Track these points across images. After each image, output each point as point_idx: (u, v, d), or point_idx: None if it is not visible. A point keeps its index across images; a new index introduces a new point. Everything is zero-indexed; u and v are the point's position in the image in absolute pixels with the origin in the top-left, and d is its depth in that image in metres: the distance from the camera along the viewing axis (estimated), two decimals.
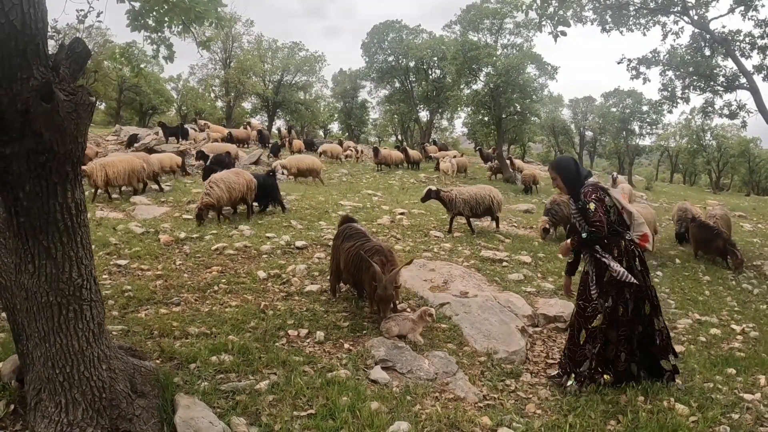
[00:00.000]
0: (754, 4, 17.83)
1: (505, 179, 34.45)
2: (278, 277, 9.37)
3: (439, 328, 7.77)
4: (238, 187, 13.73)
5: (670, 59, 19.59)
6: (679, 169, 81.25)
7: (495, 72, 33.44)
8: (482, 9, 43.56)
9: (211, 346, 6.15)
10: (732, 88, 19.05)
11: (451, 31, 53.58)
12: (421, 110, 63.82)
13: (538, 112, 39.12)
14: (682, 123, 70.32)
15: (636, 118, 52.90)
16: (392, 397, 5.58)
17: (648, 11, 19.10)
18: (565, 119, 74.76)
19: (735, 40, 18.39)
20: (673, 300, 11.43)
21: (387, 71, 60.46)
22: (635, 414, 5.76)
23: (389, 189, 24.49)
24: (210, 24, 7.67)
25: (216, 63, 61.44)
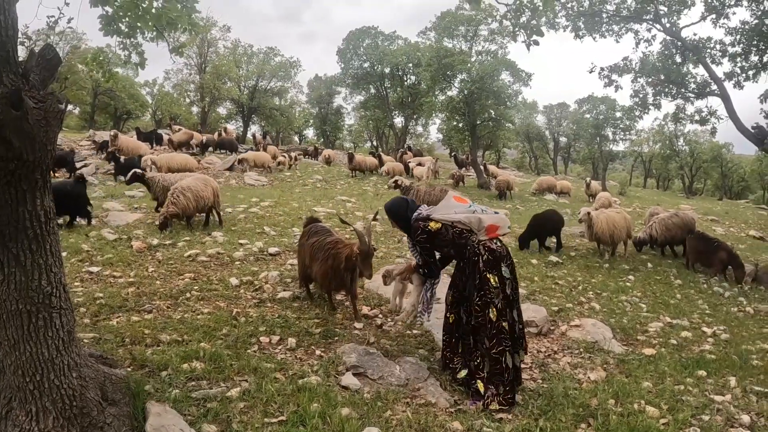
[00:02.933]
0: (725, 13, 18.09)
1: (479, 185, 34.63)
2: (251, 283, 9.37)
3: (411, 334, 7.81)
4: (206, 195, 13.54)
5: (642, 66, 19.79)
6: (653, 174, 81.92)
7: (469, 78, 33.60)
8: (457, 16, 43.61)
9: (182, 353, 6.14)
10: (703, 94, 19.28)
11: (426, 37, 53.63)
12: (396, 116, 63.88)
13: (512, 119, 39.40)
14: (655, 129, 71.09)
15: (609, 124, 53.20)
16: (363, 403, 5.60)
17: (621, 19, 19.31)
18: (540, 125, 75.39)
19: (706, 47, 18.62)
20: (644, 303, 11.57)
21: (362, 77, 60.47)
22: (606, 417, 5.84)
23: (363, 195, 24.51)
24: (183, 30, 7.67)
25: (191, 68, 61.08)
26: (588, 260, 14.84)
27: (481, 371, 6.16)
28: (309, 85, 74.28)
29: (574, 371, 7.47)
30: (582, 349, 8.35)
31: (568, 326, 9.23)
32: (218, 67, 58.49)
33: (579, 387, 6.84)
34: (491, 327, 6.06)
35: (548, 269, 13.25)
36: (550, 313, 9.69)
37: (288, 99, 68.74)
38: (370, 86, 61.97)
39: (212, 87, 57.66)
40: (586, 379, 7.17)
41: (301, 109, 74.36)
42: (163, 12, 7.06)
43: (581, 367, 7.63)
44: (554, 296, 11.02)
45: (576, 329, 9.10)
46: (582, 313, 10.11)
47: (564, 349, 8.41)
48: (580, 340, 8.67)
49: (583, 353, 8.22)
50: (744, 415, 6.32)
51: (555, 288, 11.66)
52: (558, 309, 10.08)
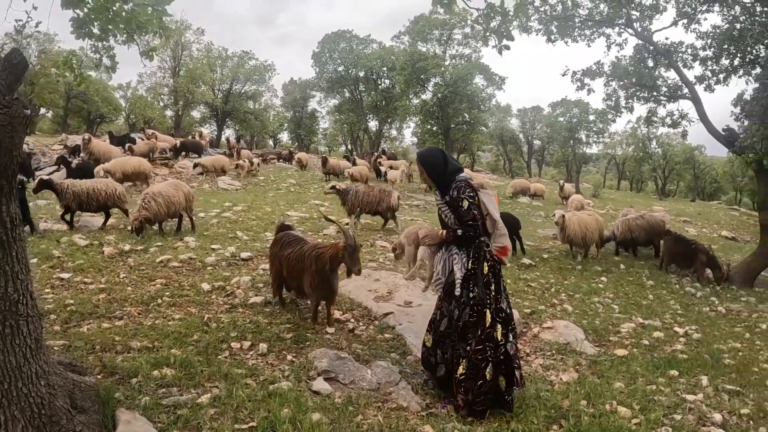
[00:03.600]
0: (697, 17, 18.27)
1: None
2: (222, 289, 9.32)
3: (383, 338, 7.82)
4: (177, 200, 13.42)
5: (614, 70, 19.92)
6: (626, 176, 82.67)
7: (443, 82, 33.81)
8: (431, 20, 43.75)
9: (153, 360, 6.09)
10: (674, 98, 19.42)
11: (400, 41, 53.80)
12: (371, 120, 63.96)
13: (485, 122, 39.66)
14: (628, 131, 71.86)
15: (583, 127, 53.80)
16: (334, 408, 5.58)
17: (593, 23, 19.43)
18: (514, 128, 75.76)
19: (678, 51, 18.77)
20: (617, 305, 11.68)
21: (337, 81, 60.47)
22: (577, 418, 5.86)
23: (337, 199, 24.37)
24: (154, 34, 7.63)
25: (165, 71, 60.46)
26: (561, 262, 14.93)
27: (456, 372, 5.98)
28: (284, 88, 74.12)
29: (546, 373, 7.51)
30: (554, 350, 8.40)
31: (540, 328, 9.28)
32: (192, 70, 58.05)
33: (551, 388, 6.87)
34: (482, 331, 5.89)
35: (521, 271, 13.32)
36: (523, 316, 9.74)
37: (262, 103, 68.44)
38: (344, 90, 62.01)
39: (186, 90, 57.25)
40: (558, 381, 7.20)
41: (276, 113, 74.07)
42: (133, 15, 7.02)
43: (553, 369, 7.67)
44: (527, 298, 11.08)
45: (548, 331, 9.16)
46: (554, 315, 10.18)
47: (536, 351, 8.45)
48: (552, 341, 8.72)
49: (555, 355, 8.27)
50: (716, 413, 6.38)
51: (527, 290, 11.73)
52: (530, 311, 10.13)
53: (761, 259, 16.08)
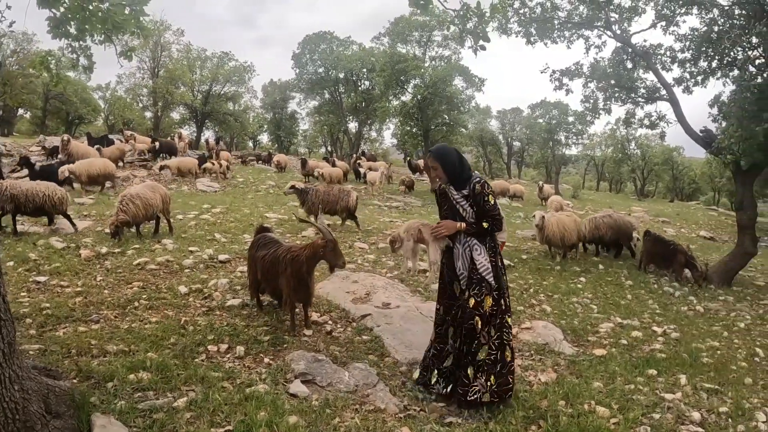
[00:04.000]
0: (675, 20, 18.38)
1: (432, 190, 34.60)
2: (200, 291, 9.26)
3: (360, 340, 7.80)
4: (155, 202, 13.25)
5: (593, 71, 20.00)
6: (606, 177, 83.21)
7: (422, 84, 33.81)
8: (411, 22, 43.81)
9: (129, 363, 6.03)
10: (652, 99, 19.53)
11: (380, 43, 53.84)
12: (350, 121, 63.94)
13: (465, 123, 39.70)
14: (607, 133, 72.25)
15: (562, 129, 54.08)
16: (311, 411, 5.56)
17: (572, 25, 19.51)
18: (494, 130, 75.90)
19: (656, 53, 18.88)
20: (595, 305, 11.71)
21: (317, 82, 60.41)
22: (556, 418, 5.87)
23: None
24: (131, 34, 7.57)
25: (144, 72, 60.10)
26: (539, 263, 14.96)
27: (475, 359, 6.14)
28: (263, 90, 74.03)
29: (525, 373, 7.50)
30: (533, 351, 8.42)
31: (519, 329, 9.28)
32: (171, 71, 57.75)
33: (529, 389, 6.88)
34: (501, 318, 6.18)
35: None
36: None
37: (242, 104, 68.27)
38: (324, 91, 61.98)
39: (165, 91, 56.96)
40: (537, 381, 7.22)
41: (255, 115, 73.97)
42: (110, 15, 6.96)
43: (532, 369, 7.67)
44: None
45: (527, 331, 9.18)
46: (533, 316, 10.21)
47: (515, 351, 8.46)
48: (530, 342, 8.74)
49: (533, 355, 8.28)
50: (694, 412, 6.43)
51: None
52: None
53: (739, 259, 16.24)
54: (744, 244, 16.09)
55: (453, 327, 6.33)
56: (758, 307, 13.47)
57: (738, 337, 10.52)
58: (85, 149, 25.87)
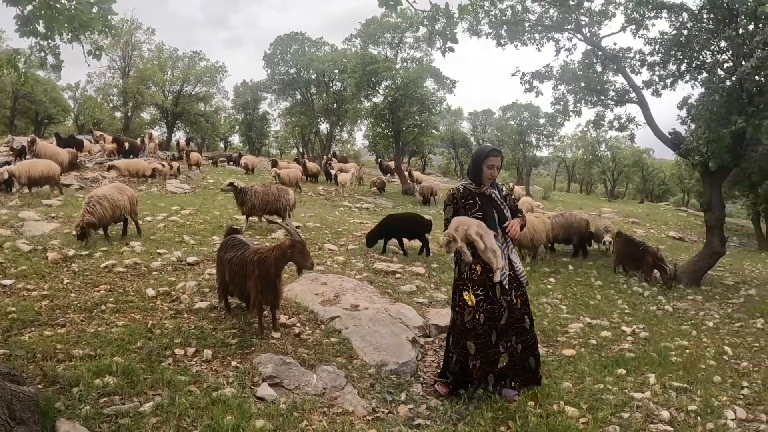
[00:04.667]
0: (645, 24, 18.56)
1: (404, 191, 34.89)
2: (168, 294, 9.17)
3: (329, 342, 7.78)
4: (122, 204, 13.06)
5: (563, 74, 20.12)
6: (576, 178, 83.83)
7: (394, 85, 33.80)
8: (382, 23, 43.80)
9: (95, 368, 5.97)
10: (622, 102, 19.69)
11: (352, 44, 53.73)
12: (322, 122, 63.78)
13: (436, 125, 39.73)
14: (578, 135, 72.81)
15: (533, 131, 54.37)
16: (278, 414, 5.55)
17: (543, 28, 19.62)
18: (465, 132, 76.07)
19: (626, 57, 19.04)
20: (565, 305, 11.81)
21: (288, 83, 60.09)
22: (525, 419, 5.90)
23: None
24: (99, 33, 7.48)
25: (115, 71, 59.21)
26: None
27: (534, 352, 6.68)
28: (235, 90, 73.39)
29: None
30: None
31: None
32: (142, 71, 56.93)
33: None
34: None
35: None
36: None
37: (213, 104, 67.60)
38: (296, 92, 61.68)
39: (136, 91, 56.24)
40: None
41: (227, 115, 73.47)
42: (77, 14, 6.88)
43: None
44: None
45: None
46: None
47: None
48: None
49: None
50: (663, 411, 6.49)
51: None
52: None
53: (707, 259, 16.42)
54: (712, 244, 16.27)
55: (497, 331, 6.33)
56: (727, 306, 13.65)
57: (707, 335, 10.65)
58: (54, 150, 25.40)
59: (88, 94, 63.06)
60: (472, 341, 6.32)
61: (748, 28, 15.25)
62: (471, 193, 6.45)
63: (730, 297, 14.64)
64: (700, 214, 40.47)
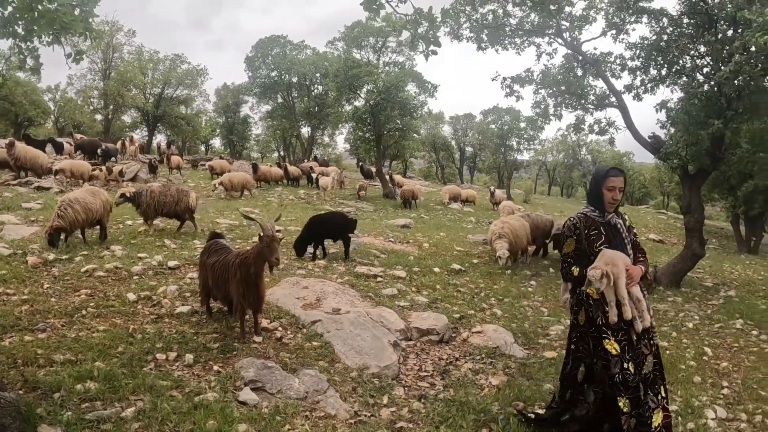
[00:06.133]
0: (625, 29, 18.69)
1: (384, 195, 34.97)
2: (149, 299, 9.11)
3: (311, 346, 7.77)
4: (95, 207, 12.88)
5: (543, 78, 20.21)
6: (557, 182, 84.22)
7: (375, 89, 33.83)
8: (366, 27, 43.90)
9: (76, 373, 5.94)
10: (602, 106, 19.80)
11: (334, 47, 53.86)
12: (303, 126, 63.71)
13: (417, 129, 39.80)
14: (558, 138, 73.18)
15: (514, 134, 54.48)
16: (261, 418, 5.55)
17: (523, 32, 19.70)
18: (446, 135, 76.40)
19: (606, 61, 19.17)
20: (546, 308, 11.85)
21: (270, 86, 60.02)
22: (507, 421, 5.93)
23: (267, 206, 24.26)
24: (80, 35, 7.44)
25: (95, 74, 58.65)
26: (490, 267, 15.04)
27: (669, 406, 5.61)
28: (216, 93, 73.02)
29: (476, 377, 7.61)
30: (483, 354, 8.50)
31: (469, 333, 9.38)
32: (123, 73, 56.35)
33: (480, 392, 6.98)
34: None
35: (450, 276, 13.39)
36: (452, 321, 9.82)
37: (194, 107, 67.13)
38: (277, 95, 61.67)
39: (116, 94, 55.72)
40: (488, 384, 7.31)
41: (208, 118, 73.10)
42: (57, 15, 6.83)
43: (483, 373, 7.77)
44: (456, 303, 11.17)
45: (478, 335, 9.26)
46: (484, 320, 10.27)
47: (466, 355, 8.54)
48: (481, 346, 8.82)
49: (484, 359, 8.36)
50: None
51: (457, 295, 11.81)
52: (460, 316, 10.22)
53: (687, 261, 16.52)
54: (692, 246, 16.37)
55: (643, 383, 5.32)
56: (706, 307, 13.77)
57: (687, 336, 10.74)
58: (33, 153, 25.12)
59: (68, 96, 62.48)
60: (625, 397, 5.26)
61: (727, 34, 15.44)
62: (595, 223, 5.60)
63: (709, 298, 14.77)
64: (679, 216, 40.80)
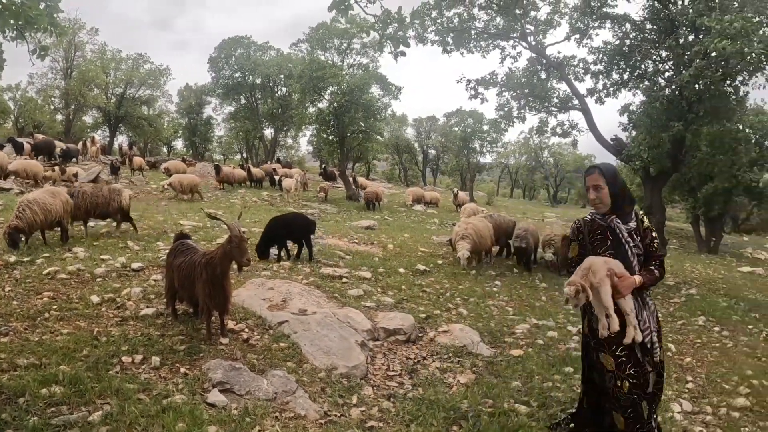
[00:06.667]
0: (589, 33, 18.92)
1: (348, 197, 34.99)
2: (113, 301, 8.96)
3: (278, 347, 7.74)
4: (54, 208, 12.67)
5: (508, 81, 20.37)
6: (519, 184, 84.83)
7: (340, 91, 33.79)
8: (331, 28, 43.73)
9: (41, 377, 5.83)
10: (565, 108, 20.04)
11: (299, 49, 53.58)
12: (266, 128, 63.44)
13: (381, 131, 39.88)
14: (521, 141, 73.76)
15: (477, 137, 54.84)
16: (231, 420, 5.51)
17: (488, 36, 19.85)
18: (409, 138, 76.62)
19: (569, 65, 19.39)
20: (511, 307, 11.95)
21: (233, 87, 59.68)
22: (477, 418, 5.97)
23: (231, 208, 24.19)
24: (44, 31, 7.32)
25: (57, 72, 57.48)
26: (455, 267, 15.08)
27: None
28: (179, 94, 72.25)
29: (444, 375, 7.65)
30: (451, 353, 8.55)
31: (436, 332, 9.42)
32: (85, 72, 55.25)
33: (449, 390, 7.03)
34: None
35: (416, 277, 13.41)
36: (419, 321, 9.85)
37: (157, 108, 66.35)
38: (240, 97, 61.35)
39: (78, 93, 54.70)
40: (456, 383, 7.36)
41: (170, 119, 72.39)
42: (22, 9, 6.72)
43: (451, 372, 7.82)
44: (422, 303, 11.21)
45: (444, 335, 9.31)
46: (450, 319, 10.32)
47: (433, 354, 8.58)
48: (448, 345, 8.87)
49: (452, 358, 8.42)
50: None
51: (423, 295, 11.85)
52: (426, 316, 10.25)
53: None
54: None
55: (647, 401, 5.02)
56: (669, 305, 13.97)
57: None
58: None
59: (29, 95, 61.27)
60: (619, 414, 5.02)
61: (688, 39, 15.72)
62: (600, 227, 5.15)
63: (671, 296, 14.97)
64: None
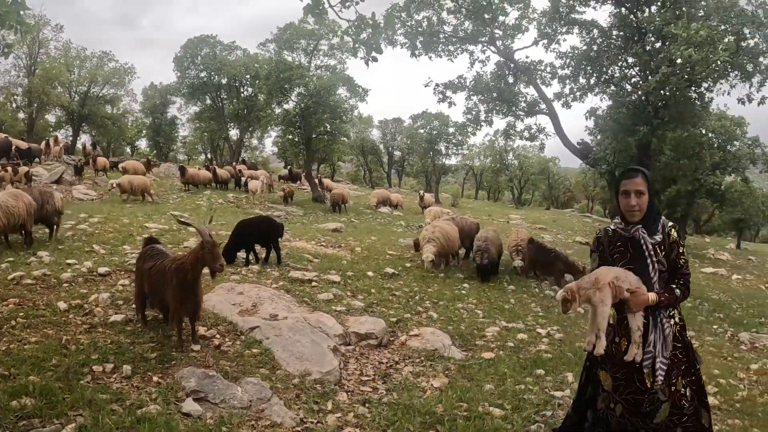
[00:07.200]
0: (557, 38, 19.10)
1: (314, 199, 34.93)
2: (80, 307, 8.76)
3: (250, 353, 7.68)
4: (17, 211, 12.29)
5: (476, 85, 20.49)
6: (484, 186, 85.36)
7: (306, 92, 33.71)
8: (299, 29, 43.54)
9: (10, 389, 5.67)
10: (532, 112, 20.23)
11: (266, 49, 53.19)
12: (232, 128, 63.06)
13: (347, 133, 39.87)
14: (486, 144, 74.24)
15: (442, 139, 55.08)
16: (207, 429, 5.45)
17: (457, 40, 19.95)
18: (375, 139, 76.80)
19: (537, 69, 19.57)
20: (480, 310, 12.03)
21: (198, 87, 59.12)
22: (453, 422, 6.00)
23: (197, 210, 24.01)
24: (11, 28, 7.19)
25: (20, 70, 56.28)
26: (423, 270, 15.11)
27: None
28: (143, 93, 71.43)
29: (417, 380, 7.68)
30: (423, 357, 8.61)
31: (407, 336, 9.47)
32: (48, 69, 54.27)
33: (423, 395, 7.04)
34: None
35: (384, 281, 13.41)
36: (389, 324, 9.89)
37: (121, 107, 65.55)
38: (206, 97, 60.84)
39: (41, 91, 53.74)
40: (430, 387, 7.38)
41: (134, 119, 71.59)
42: None
43: (424, 375, 7.84)
44: (392, 307, 11.23)
45: (416, 338, 9.35)
46: (420, 323, 10.39)
47: (405, 358, 8.61)
48: (420, 348, 8.92)
49: (424, 361, 8.46)
50: None
51: (392, 299, 11.88)
52: (396, 320, 10.31)
53: None
54: None
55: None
56: None
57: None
58: None
59: None
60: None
61: (654, 46, 15.94)
62: (622, 238, 4.71)
63: None
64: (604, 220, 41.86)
